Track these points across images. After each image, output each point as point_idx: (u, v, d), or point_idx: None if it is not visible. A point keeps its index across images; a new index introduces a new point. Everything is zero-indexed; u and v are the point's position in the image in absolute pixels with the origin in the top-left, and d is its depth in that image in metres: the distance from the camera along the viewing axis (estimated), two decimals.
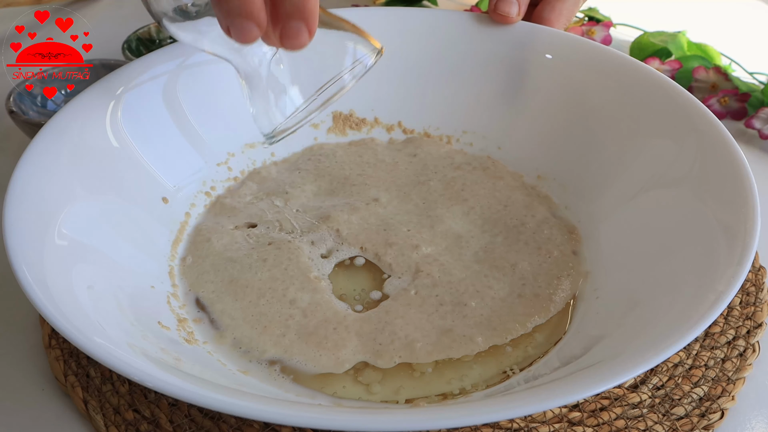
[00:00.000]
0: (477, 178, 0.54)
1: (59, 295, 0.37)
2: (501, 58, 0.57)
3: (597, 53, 0.54)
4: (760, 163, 0.60)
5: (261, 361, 0.43)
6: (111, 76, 0.50)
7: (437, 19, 0.58)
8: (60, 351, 0.44)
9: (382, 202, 0.53)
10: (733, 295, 0.36)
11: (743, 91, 0.64)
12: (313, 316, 0.44)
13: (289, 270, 0.47)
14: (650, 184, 0.48)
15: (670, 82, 0.50)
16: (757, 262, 0.50)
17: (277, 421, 0.32)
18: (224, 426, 0.41)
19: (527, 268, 0.47)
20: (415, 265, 0.47)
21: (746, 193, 0.41)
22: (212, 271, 0.48)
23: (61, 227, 0.42)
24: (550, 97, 0.55)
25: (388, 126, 0.59)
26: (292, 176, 0.55)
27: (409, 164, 0.56)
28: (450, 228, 0.51)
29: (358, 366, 0.42)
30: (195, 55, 0.54)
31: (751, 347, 0.45)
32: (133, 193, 0.48)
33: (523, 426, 0.41)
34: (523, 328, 0.44)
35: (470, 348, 0.42)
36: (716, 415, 0.41)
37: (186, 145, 0.53)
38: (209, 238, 0.50)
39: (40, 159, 0.44)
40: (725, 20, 0.84)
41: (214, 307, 0.46)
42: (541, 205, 0.52)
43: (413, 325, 0.43)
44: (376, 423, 0.32)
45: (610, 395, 0.42)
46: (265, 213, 0.52)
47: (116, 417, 0.41)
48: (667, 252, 0.43)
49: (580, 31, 0.72)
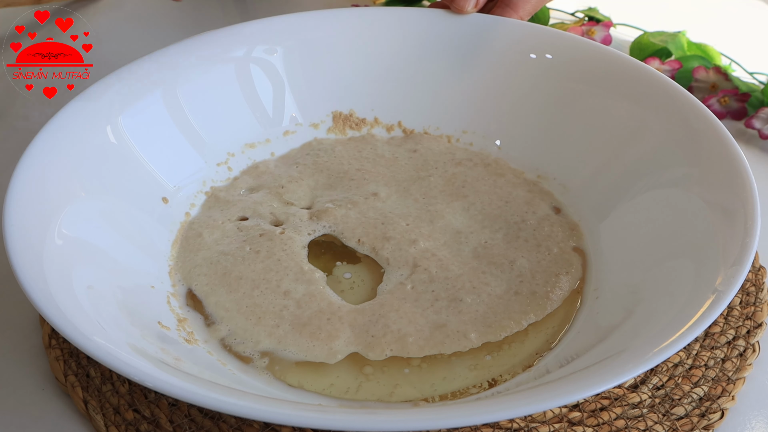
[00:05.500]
0: (478, 174, 0.54)
1: (59, 295, 0.37)
2: (501, 58, 0.57)
3: (597, 53, 0.54)
4: (760, 163, 0.60)
5: (255, 352, 0.43)
6: (111, 76, 0.50)
7: (437, 19, 0.58)
8: (60, 351, 0.44)
9: (381, 196, 0.53)
10: (733, 295, 0.36)
11: (743, 91, 0.64)
12: (307, 307, 0.44)
13: (283, 261, 0.47)
14: (650, 184, 0.48)
15: (670, 82, 0.50)
16: (757, 262, 0.50)
17: (277, 421, 0.32)
18: (224, 426, 0.41)
19: (525, 265, 0.47)
20: (412, 259, 0.47)
21: (746, 193, 0.41)
22: (205, 264, 0.48)
23: (61, 227, 0.42)
24: (550, 97, 0.55)
25: (388, 126, 0.59)
26: (290, 170, 0.55)
27: (409, 159, 0.56)
28: (449, 223, 0.51)
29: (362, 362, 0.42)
30: (195, 55, 0.54)
31: (751, 347, 0.45)
32: (133, 193, 0.48)
33: (523, 426, 0.41)
34: (518, 325, 0.44)
35: (463, 344, 0.42)
36: (716, 415, 0.41)
37: (186, 145, 0.53)
38: (200, 233, 0.50)
39: (40, 159, 0.44)
40: (725, 20, 0.84)
41: (208, 299, 0.46)
42: (542, 202, 0.52)
43: (407, 319, 0.43)
44: (376, 423, 0.32)
45: (610, 395, 0.42)
46: (258, 206, 0.52)
47: (116, 417, 0.41)
48: (667, 252, 0.43)
49: (580, 31, 0.72)
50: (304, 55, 0.57)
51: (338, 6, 0.59)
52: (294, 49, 0.57)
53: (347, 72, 0.58)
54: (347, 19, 0.58)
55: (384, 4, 0.77)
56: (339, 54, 0.58)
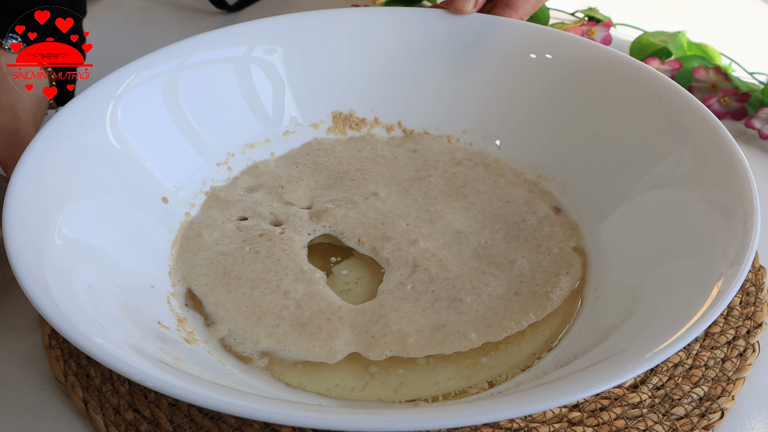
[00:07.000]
0: (478, 174, 0.54)
1: (59, 295, 0.37)
2: (501, 58, 0.57)
3: (597, 53, 0.54)
4: (760, 163, 0.60)
5: (254, 352, 0.43)
6: (111, 76, 0.50)
7: (437, 19, 0.58)
8: (60, 351, 0.44)
9: (381, 196, 0.53)
10: (733, 295, 0.36)
11: (743, 91, 0.64)
12: (307, 307, 0.44)
13: (282, 261, 0.47)
14: (650, 184, 0.48)
15: (670, 82, 0.50)
16: (757, 262, 0.50)
17: (277, 421, 0.32)
18: (224, 426, 0.41)
19: (526, 266, 0.47)
20: (412, 259, 0.47)
21: (746, 193, 0.41)
22: (205, 264, 0.48)
23: (61, 227, 0.42)
24: (550, 97, 0.55)
25: (388, 126, 0.59)
26: (290, 170, 0.55)
27: (409, 159, 0.56)
28: (450, 223, 0.51)
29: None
30: (195, 55, 0.54)
31: (751, 347, 0.45)
32: (133, 193, 0.48)
33: (523, 426, 0.41)
34: (518, 325, 0.44)
35: (463, 344, 0.42)
36: (716, 415, 0.41)
37: (186, 145, 0.53)
38: (200, 233, 0.50)
39: (40, 159, 0.44)
40: (725, 20, 0.84)
41: (208, 299, 0.46)
42: (542, 202, 0.52)
43: (407, 319, 0.43)
44: (376, 423, 0.32)
45: (610, 395, 0.42)
46: (258, 206, 0.52)
47: (116, 417, 0.41)
48: (667, 252, 0.43)
49: (580, 31, 0.72)
50: (304, 55, 0.57)
51: (338, 6, 0.59)
52: (294, 49, 0.57)
53: (347, 72, 0.58)
54: (347, 19, 0.58)
55: (384, 4, 0.77)
56: (339, 54, 0.58)
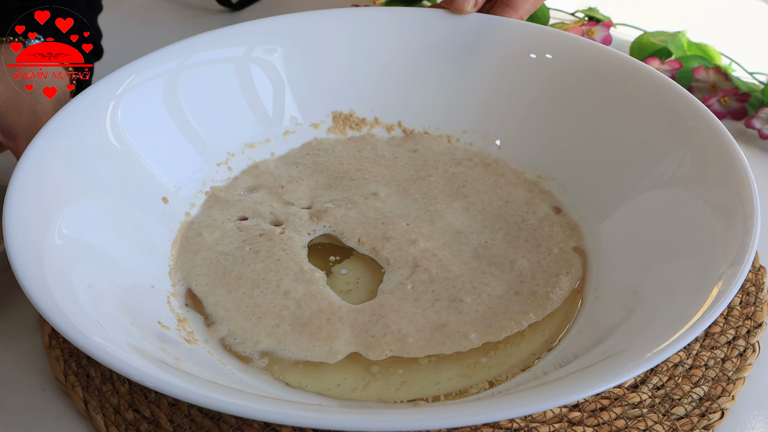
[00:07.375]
0: (478, 174, 0.54)
1: (59, 295, 0.37)
2: (501, 58, 0.57)
3: (597, 53, 0.54)
4: (760, 163, 0.60)
5: (254, 352, 0.43)
6: (111, 76, 0.50)
7: (437, 19, 0.58)
8: (60, 351, 0.44)
9: (381, 196, 0.53)
10: (733, 295, 0.36)
11: (743, 91, 0.64)
12: (307, 307, 0.44)
13: (283, 261, 0.47)
14: (650, 184, 0.48)
15: (670, 82, 0.50)
16: (757, 262, 0.50)
17: (277, 421, 0.32)
18: (224, 426, 0.41)
19: (526, 266, 0.47)
20: (412, 259, 0.47)
21: (746, 193, 0.41)
22: (205, 264, 0.48)
23: (61, 227, 0.42)
24: (550, 97, 0.55)
25: (388, 126, 0.59)
26: (290, 170, 0.55)
27: (409, 159, 0.56)
28: (450, 223, 0.51)
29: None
30: (195, 55, 0.54)
31: (751, 347, 0.45)
32: (133, 193, 0.48)
33: (523, 426, 0.41)
34: (519, 325, 0.44)
35: (463, 344, 0.42)
36: (716, 415, 0.41)
37: (186, 145, 0.53)
38: (200, 233, 0.50)
39: (40, 159, 0.44)
40: (725, 20, 0.84)
41: (208, 299, 0.46)
42: (542, 202, 0.52)
43: (407, 319, 0.43)
44: (376, 423, 0.32)
45: (610, 395, 0.42)
46: (258, 206, 0.52)
47: (116, 417, 0.41)
48: (667, 252, 0.43)
49: (580, 31, 0.72)
50: (304, 55, 0.57)
51: (338, 6, 0.59)
52: (294, 49, 0.57)
53: (347, 72, 0.58)
54: (347, 19, 0.58)
55: (384, 4, 0.77)
56: (339, 54, 0.58)
